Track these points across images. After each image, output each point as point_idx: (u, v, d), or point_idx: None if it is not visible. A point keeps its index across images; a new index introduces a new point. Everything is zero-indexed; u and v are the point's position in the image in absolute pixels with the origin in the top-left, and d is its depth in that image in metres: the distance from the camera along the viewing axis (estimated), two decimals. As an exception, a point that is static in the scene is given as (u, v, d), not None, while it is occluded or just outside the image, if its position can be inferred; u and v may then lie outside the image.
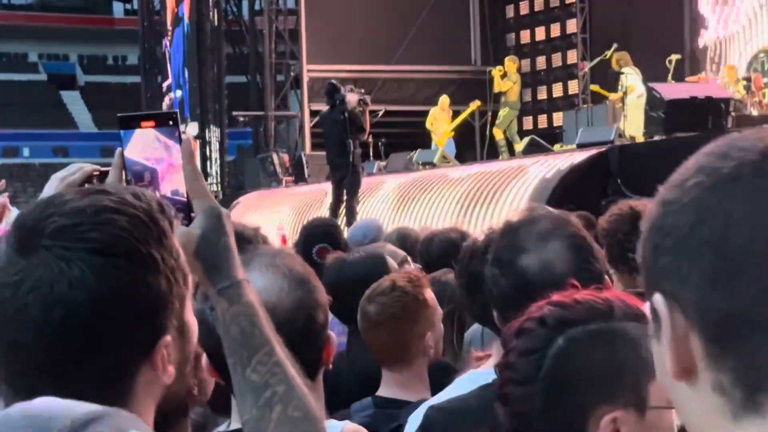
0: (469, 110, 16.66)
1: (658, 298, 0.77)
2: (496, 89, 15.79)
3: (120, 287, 1.07)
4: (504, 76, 15.85)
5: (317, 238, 4.37)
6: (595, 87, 14.78)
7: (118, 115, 1.43)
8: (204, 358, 1.56)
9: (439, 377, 2.67)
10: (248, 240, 2.53)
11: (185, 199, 1.36)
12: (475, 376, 2.00)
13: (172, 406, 1.26)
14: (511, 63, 16.02)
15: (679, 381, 0.76)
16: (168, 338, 1.12)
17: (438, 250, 4.02)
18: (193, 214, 1.32)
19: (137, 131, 1.40)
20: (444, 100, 16.61)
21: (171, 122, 1.40)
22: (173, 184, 1.39)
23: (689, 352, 0.74)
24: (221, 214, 1.31)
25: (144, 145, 1.39)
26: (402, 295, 2.69)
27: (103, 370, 1.08)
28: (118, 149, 1.41)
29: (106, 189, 1.13)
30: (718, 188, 0.74)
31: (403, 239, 4.50)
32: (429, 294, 2.73)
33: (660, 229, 0.77)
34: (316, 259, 4.09)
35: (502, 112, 15.73)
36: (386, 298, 2.69)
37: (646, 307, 0.83)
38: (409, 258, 3.54)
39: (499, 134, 15.77)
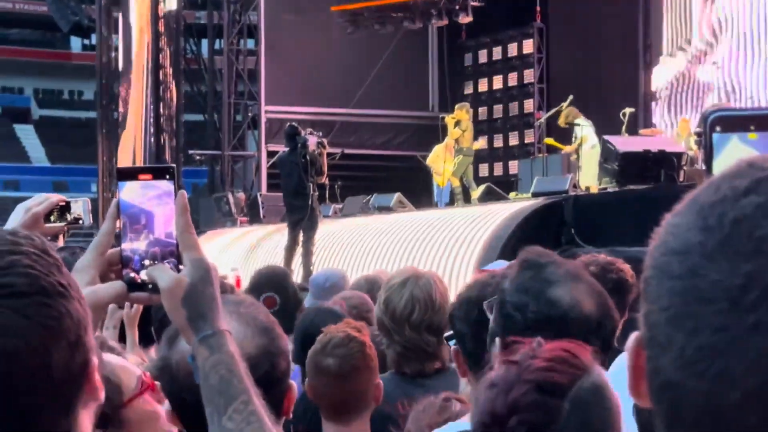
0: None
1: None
2: (449, 137, 15.83)
3: (49, 322, 1.06)
4: (457, 123, 15.93)
5: (265, 286, 4.39)
6: (549, 140, 14.98)
7: (118, 167, 1.46)
8: (166, 405, 1.55)
9: (380, 426, 2.69)
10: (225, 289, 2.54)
11: (176, 242, 1.41)
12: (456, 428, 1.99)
13: None
14: (462, 111, 16.04)
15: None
16: (95, 360, 1.12)
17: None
18: (182, 266, 1.38)
19: (134, 182, 1.44)
20: (449, 140, 16.37)
21: (168, 176, 1.44)
22: (165, 233, 1.43)
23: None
24: (209, 268, 1.37)
25: (139, 195, 1.43)
26: (360, 345, 2.71)
27: (52, 406, 1.07)
28: (114, 199, 1.44)
29: None
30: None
31: (371, 286, 4.52)
32: (369, 341, 2.79)
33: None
34: None
35: (456, 159, 15.79)
36: (345, 350, 2.71)
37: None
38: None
39: (455, 182, 15.82)
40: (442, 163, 15.52)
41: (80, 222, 2.17)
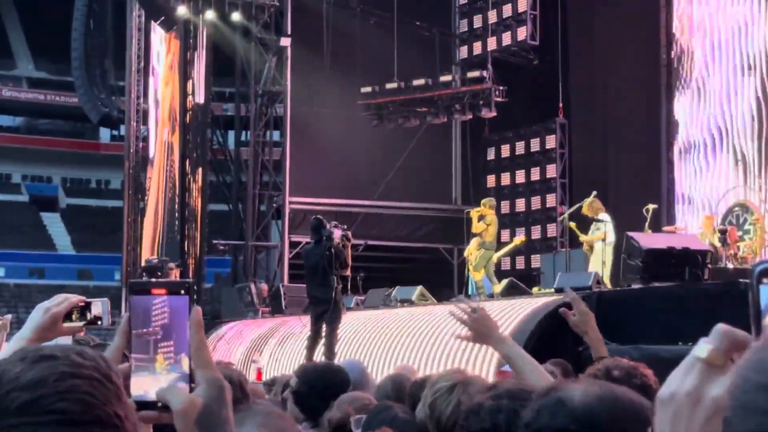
0: (512, 245, 16.61)
1: None
2: (473, 230, 15.83)
3: None
4: (481, 218, 15.96)
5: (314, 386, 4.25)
6: (571, 224, 14.95)
7: (131, 281, 1.45)
8: None
9: None
10: (241, 394, 2.55)
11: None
12: None
13: None
14: (486, 206, 16.07)
15: None
16: None
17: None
18: (193, 385, 1.33)
19: (146, 297, 1.39)
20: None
21: (183, 291, 1.39)
22: (178, 350, 1.37)
23: None
24: (223, 387, 1.33)
25: (152, 311, 1.38)
26: None
27: None
28: (126, 314, 1.40)
29: (53, 354, 1.07)
30: None
31: (399, 388, 4.38)
32: None
33: None
34: None
35: (478, 254, 15.78)
36: None
37: None
38: None
39: (477, 276, 15.79)
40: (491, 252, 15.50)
41: (99, 323, 2.14)
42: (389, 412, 3.30)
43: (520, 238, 16.90)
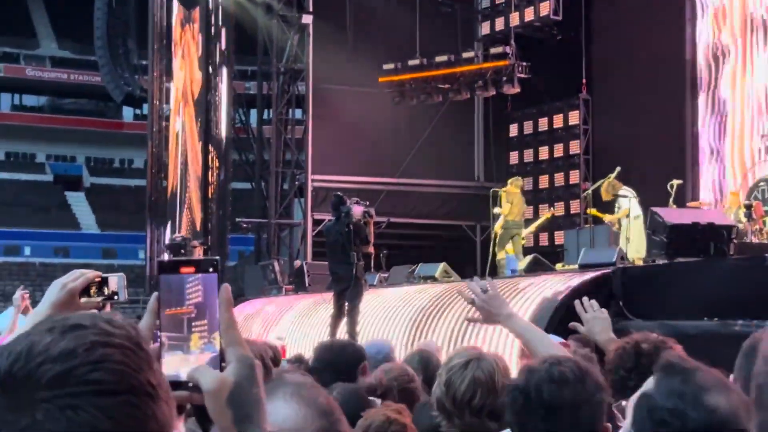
0: (541, 220, 16.54)
1: None
2: (502, 212, 15.78)
3: (134, 424, 1.01)
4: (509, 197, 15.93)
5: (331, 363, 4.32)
6: (593, 210, 14.91)
7: (158, 260, 1.44)
8: None
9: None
10: (270, 366, 2.55)
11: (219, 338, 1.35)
12: None
13: None
14: (513, 185, 16.03)
15: None
16: None
17: None
18: (223, 364, 1.32)
19: (176, 276, 1.38)
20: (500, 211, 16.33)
21: (211, 269, 1.37)
22: (211, 329, 1.36)
23: None
24: (254, 365, 1.31)
25: (185, 290, 1.37)
26: (401, 427, 2.72)
27: None
28: (155, 293, 1.39)
29: (81, 323, 1.05)
30: None
31: (425, 363, 4.51)
32: (410, 422, 2.78)
33: None
34: None
35: (501, 232, 15.80)
36: None
37: None
38: None
39: (500, 254, 15.80)
40: (514, 230, 15.47)
41: (116, 297, 2.14)
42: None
43: (547, 213, 16.84)
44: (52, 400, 0.98)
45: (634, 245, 12.76)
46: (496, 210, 15.65)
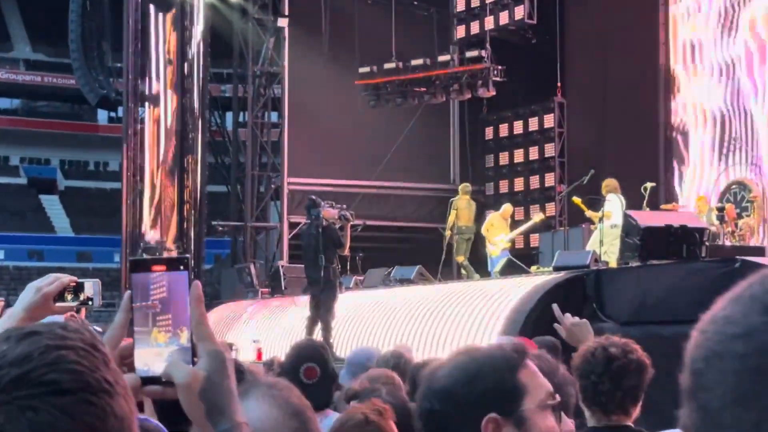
0: (532, 222, 16.73)
1: None
2: (453, 221, 16.29)
3: (92, 421, 1.02)
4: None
5: (305, 359, 4.38)
6: (577, 200, 14.91)
7: (130, 258, 1.47)
8: None
9: None
10: (242, 371, 2.57)
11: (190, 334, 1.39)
12: None
13: None
14: (461, 191, 16.56)
15: None
16: None
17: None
18: (195, 359, 1.35)
19: (147, 274, 1.41)
20: (507, 208, 16.22)
21: (182, 267, 1.41)
22: (177, 324, 1.40)
23: None
24: (225, 359, 1.34)
25: (152, 286, 1.41)
26: (377, 429, 2.72)
27: None
28: (127, 291, 1.42)
29: (36, 330, 1.08)
30: None
31: (397, 360, 4.75)
32: (393, 426, 2.78)
33: None
34: (303, 378, 4.12)
35: (456, 239, 16.24)
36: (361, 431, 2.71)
37: None
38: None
39: (460, 259, 16.17)
40: (498, 232, 15.58)
41: (90, 303, 2.16)
42: (375, 393, 3.34)
43: (539, 215, 16.98)
44: (12, 402, 1.00)
45: (606, 249, 12.81)
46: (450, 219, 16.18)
